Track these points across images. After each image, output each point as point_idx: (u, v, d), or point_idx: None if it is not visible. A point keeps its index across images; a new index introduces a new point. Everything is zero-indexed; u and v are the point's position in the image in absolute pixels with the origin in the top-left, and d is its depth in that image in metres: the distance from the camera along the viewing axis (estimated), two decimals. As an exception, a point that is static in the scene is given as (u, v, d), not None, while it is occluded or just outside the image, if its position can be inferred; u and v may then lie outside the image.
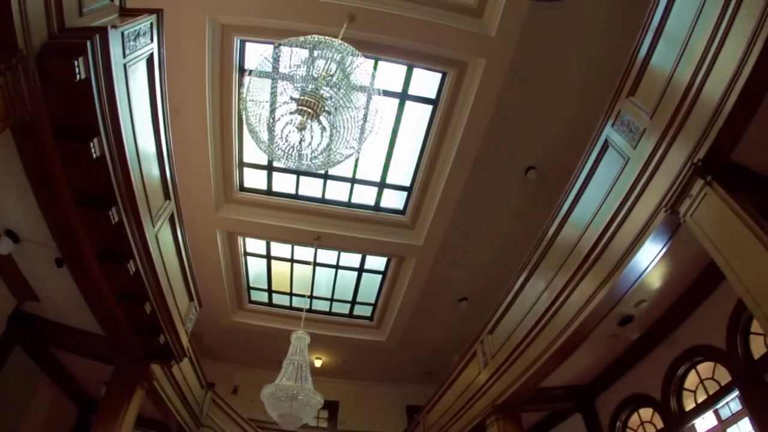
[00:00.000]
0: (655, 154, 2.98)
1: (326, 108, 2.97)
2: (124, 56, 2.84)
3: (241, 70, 5.68)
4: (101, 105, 2.67)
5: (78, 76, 2.41)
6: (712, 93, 2.52)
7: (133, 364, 4.69)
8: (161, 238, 3.99)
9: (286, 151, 3.05)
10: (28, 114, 2.46)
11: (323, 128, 3.04)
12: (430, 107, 5.74)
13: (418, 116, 5.92)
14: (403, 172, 6.63)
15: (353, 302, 8.69)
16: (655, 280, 3.72)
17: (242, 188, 6.90)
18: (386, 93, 5.64)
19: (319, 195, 6.90)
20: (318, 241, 6.94)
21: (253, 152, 6.58)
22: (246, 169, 6.76)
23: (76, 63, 2.36)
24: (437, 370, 9.34)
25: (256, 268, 8.21)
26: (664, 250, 3.17)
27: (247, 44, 5.38)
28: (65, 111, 2.60)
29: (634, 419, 5.13)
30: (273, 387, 5.03)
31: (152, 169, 3.66)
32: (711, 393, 4.16)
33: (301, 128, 2.92)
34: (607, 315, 3.86)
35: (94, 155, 2.78)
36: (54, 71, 2.40)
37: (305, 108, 2.88)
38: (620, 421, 5.21)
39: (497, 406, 5.22)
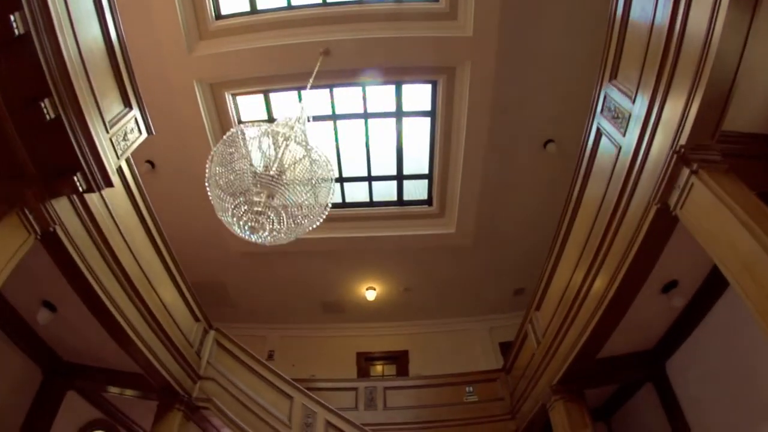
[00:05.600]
0: None
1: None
2: None
3: None
4: None
5: None
6: None
7: (10, 184, 2.56)
8: None
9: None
10: None
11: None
12: None
13: None
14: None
15: (399, 177, 6.31)
16: None
17: (219, 16, 5.11)
18: None
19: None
20: (327, 57, 4.89)
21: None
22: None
23: None
24: (533, 285, 6.59)
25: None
26: None
27: None
28: None
29: None
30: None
31: None
32: None
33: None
34: None
35: None
36: None
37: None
38: None
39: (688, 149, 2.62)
